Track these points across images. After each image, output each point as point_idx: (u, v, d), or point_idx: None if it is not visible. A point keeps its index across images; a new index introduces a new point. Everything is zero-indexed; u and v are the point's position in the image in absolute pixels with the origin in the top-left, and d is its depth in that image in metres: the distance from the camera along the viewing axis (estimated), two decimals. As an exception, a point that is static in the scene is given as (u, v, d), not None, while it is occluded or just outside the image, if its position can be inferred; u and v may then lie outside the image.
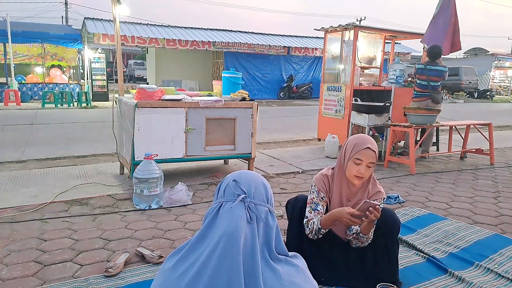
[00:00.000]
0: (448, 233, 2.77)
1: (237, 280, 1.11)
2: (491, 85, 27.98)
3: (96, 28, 15.18)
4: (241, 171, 1.37)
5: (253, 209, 1.23)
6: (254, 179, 1.30)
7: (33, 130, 7.67)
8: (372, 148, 1.94)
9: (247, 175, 1.32)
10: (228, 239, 1.17)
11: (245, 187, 1.25)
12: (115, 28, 4.24)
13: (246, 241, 1.18)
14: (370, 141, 1.97)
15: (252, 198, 1.24)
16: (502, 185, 4.22)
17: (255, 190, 1.26)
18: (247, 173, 1.35)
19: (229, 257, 1.15)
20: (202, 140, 3.91)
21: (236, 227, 1.18)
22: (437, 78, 5.25)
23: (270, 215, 1.28)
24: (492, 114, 13.28)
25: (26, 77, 15.19)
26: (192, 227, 2.82)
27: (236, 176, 1.31)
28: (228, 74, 4.49)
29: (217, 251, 1.17)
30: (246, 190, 1.24)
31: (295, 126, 9.15)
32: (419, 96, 5.33)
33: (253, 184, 1.28)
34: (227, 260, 1.15)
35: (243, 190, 1.24)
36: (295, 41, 19.93)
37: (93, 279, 2.05)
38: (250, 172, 1.38)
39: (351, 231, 1.99)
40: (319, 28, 6.56)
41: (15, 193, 3.50)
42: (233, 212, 1.21)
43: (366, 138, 1.99)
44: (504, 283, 2.11)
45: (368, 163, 1.93)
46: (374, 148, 1.95)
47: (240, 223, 1.19)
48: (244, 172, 1.36)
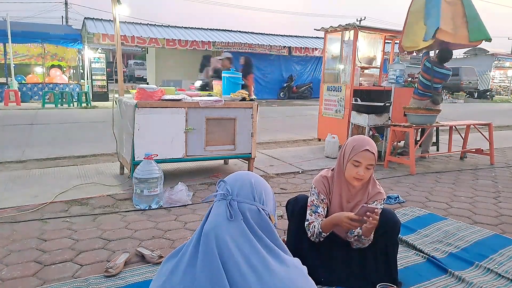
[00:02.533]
0: (448, 233, 2.77)
1: (219, 277, 1.14)
2: (491, 85, 27.96)
3: (96, 28, 15.19)
4: (236, 173, 1.38)
5: (234, 206, 1.24)
6: (242, 179, 1.32)
7: (33, 130, 7.67)
8: (370, 150, 1.93)
9: (236, 176, 1.35)
10: (205, 237, 1.21)
11: (230, 186, 1.28)
12: (115, 28, 4.24)
13: (231, 238, 1.20)
14: (369, 142, 1.96)
15: (236, 196, 1.26)
16: (502, 185, 4.22)
17: (239, 189, 1.28)
18: (238, 173, 1.37)
19: (208, 254, 1.18)
20: (202, 140, 3.91)
21: (214, 225, 1.21)
22: (440, 81, 5.26)
23: (258, 213, 1.28)
24: (492, 114, 13.28)
25: (26, 77, 15.19)
26: (192, 227, 2.82)
27: (228, 177, 1.35)
28: (228, 74, 4.49)
29: (200, 248, 1.21)
30: (230, 189, 1.27)
31: (295, 126, 9.15)
32: (420, 95, 5.32)
33: (239, 183, 1.30)
34: (207, 258, 1.18)
35: (227, 189, 1.28)
36: (295, 41, 19.93)
37: (93, 279, 2.05)
38: (243, 172, 1.38)
39: (353, 233, 1.99)
40: (319, 28, 6.56)
41: (15, 193, 3.50)
42: (214, 211, 1.26)
43: (364, 140, 1.98)
44: (504, 283, 2.11)
45: (367, 165, 1.93)
46: (373, 150, 1.94)
47: (219, 221, 1.22)
48: (237, 173, 1.38)
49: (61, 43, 14.60)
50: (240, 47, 17.42)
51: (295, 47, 18.78)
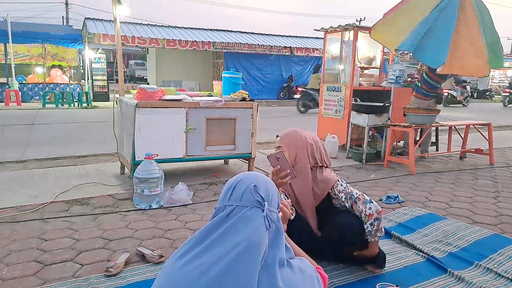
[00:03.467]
0: (448, 233, 2.78)
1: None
2: (491, 85, 27.97)
3: (97, 28, 15.19)
4: (253, 174, 1.28)
5: (271, 217, 1.17)
6: (270, 186, 1.25)
7: (34, 130, 7.67)
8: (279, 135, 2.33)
9: (263, 180, 1.24)
10: (249, 248, 1.10)
11: (264, 194, 1.19)
12: (115, 29, 4.25)
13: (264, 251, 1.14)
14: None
15: (270, 205, 1.19)
16: (501, 185, 4.23)
17: (272, 197, 1.21)
18: (260, 177, 1.27)
19: (245, 265, 1.08)
20: (203, 140, 3.92)
21: (260, 238, 1.12)
22: (442, 80, 5.27)
23: (278, 220, 1.25)
24: (491, 114, 13.28)
25: (26, 77, 15.18)
26: (192, 227, 2.83)
27: (253, 179, 1.23)
28: (228, 75, 4.50)
29: (230, 256, 1.09)
30: (265, 196, 1.18)
31: (295, 126, 9.11)
32: (424, 95, 5.29)
33: (270, 190, 1.22)
34: (240, 268, 1.08)
35: (261, 196, 1.18)
36: (295, 41, 19.92)
37: (93, 278, 2.06)
38: (262, 176, 1.29)
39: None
40: (319, 28, 6.57)
41: (16, 193, 3.51)
42: (253, 220, 1.14)
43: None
44: (504, 282, 2.12)
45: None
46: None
47: (264, 234, 1.13)
48: (256, 175, 1.28)
49: (61, 43, 14.60)
50: (240, 47, 17.42)
51: (295, 48, 18.78)
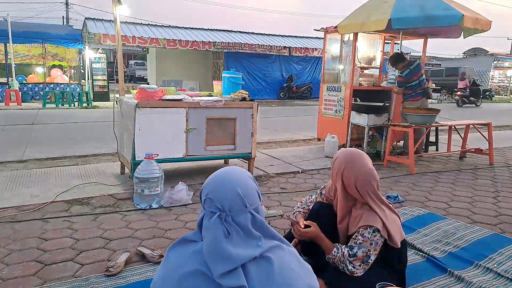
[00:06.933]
0: (448, 233, 2.78)
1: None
2: (490, 85, 27.97)
3: (97, 28, 15.20)
4: (217, 179, 1.27)
5: (230, 222, 1.20)
6: (228, 194, 1.23)
7: (34, 130, 7.67)
8: None
9: (221, 189, 1.24)
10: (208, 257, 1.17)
11: (220, 204, 1.21)
12: (115, 28, 4.25)
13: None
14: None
15: (229, 212, 1.21)
16: (501, 185, 4.23)
17: (230, 206, 1.21)
18: (222, 184, 1.25)
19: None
20: (203, 140, 3.92)
21: (215, 246, 1.17)
22: (421, 73, 5.34)
23: (252, 216, 1.25)
24: (491, 114, 13.29)
25: (27, 77, 15.20)
26: (192, 227, 2.83)
27: (212, 190, 1.24)
28: (228, 75, 4.51)
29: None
30: (221, 207, 1.21)
31: (295, 126, 9.15)
32: (413, 96, 5.34)
33: (228, 199, 1.22)
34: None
35: (217, 207, 1.21)
36: (295, 41, 19.94)
37: (93, 278, 2.06)
38: (225, 180, 1.26)
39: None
40: (319, 28, 6.57)
41: (16, 193, 3.51)
42: (211, 229, 1.19)
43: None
44: (504, 282, 2.12)
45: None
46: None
47: (220, 241, 1.18)
48: (219, 182, 1.26)
49: (62, 43, 14.62)
50: (240, 47, 17.42)
51: (295, 47, 18.78)
